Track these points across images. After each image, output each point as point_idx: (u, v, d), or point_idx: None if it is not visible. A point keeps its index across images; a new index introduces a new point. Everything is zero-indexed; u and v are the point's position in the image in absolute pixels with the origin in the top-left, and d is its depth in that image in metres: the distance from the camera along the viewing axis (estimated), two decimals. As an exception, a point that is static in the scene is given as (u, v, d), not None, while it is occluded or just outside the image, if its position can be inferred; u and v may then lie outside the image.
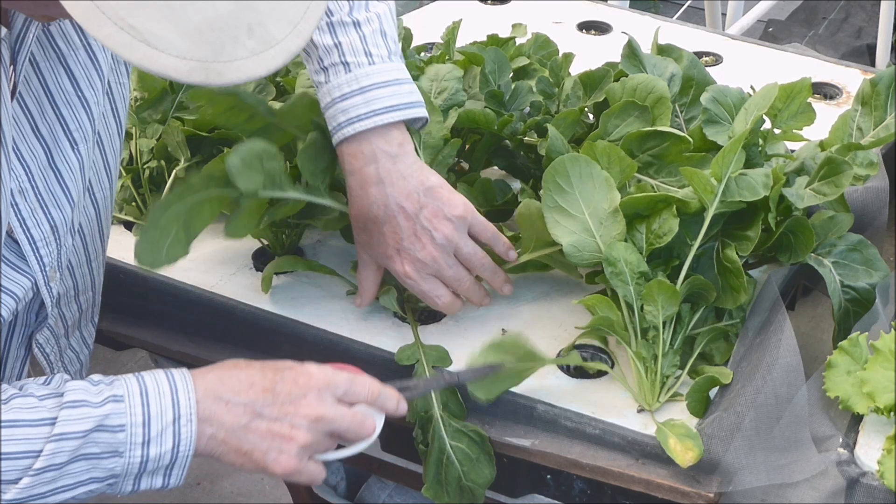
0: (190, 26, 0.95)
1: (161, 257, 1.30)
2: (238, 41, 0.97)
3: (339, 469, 1.82)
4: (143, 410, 1.12)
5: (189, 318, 1.50)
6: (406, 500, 1.79)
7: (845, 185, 1.34)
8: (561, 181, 1.35)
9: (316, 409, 1.18)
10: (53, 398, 1.11)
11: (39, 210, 1.21)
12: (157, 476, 1.14)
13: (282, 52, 1.00)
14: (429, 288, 1.39)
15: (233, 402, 1.16)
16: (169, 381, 1.15)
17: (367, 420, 1.21)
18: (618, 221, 1.33)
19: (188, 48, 0.95)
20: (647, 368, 1.31)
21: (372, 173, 1.36)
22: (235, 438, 1.16)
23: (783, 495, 1.20)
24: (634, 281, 1.30)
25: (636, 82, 1.49)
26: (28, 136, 1.20)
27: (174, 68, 0.95)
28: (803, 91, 1.45)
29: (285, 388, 1.18)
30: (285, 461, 1.17)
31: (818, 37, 3.86)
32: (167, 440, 1.13)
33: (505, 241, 1.43)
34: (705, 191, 1.31)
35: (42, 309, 1.28)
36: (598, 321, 1.31)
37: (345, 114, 1.36)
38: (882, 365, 1.21)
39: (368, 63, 1.37)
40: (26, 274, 1.21)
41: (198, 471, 2.87)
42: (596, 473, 1.28)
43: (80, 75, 1.25)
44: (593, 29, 2.18)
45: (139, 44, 0.94)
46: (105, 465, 1.11)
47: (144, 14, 0.94)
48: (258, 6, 0.99)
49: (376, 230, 1.37)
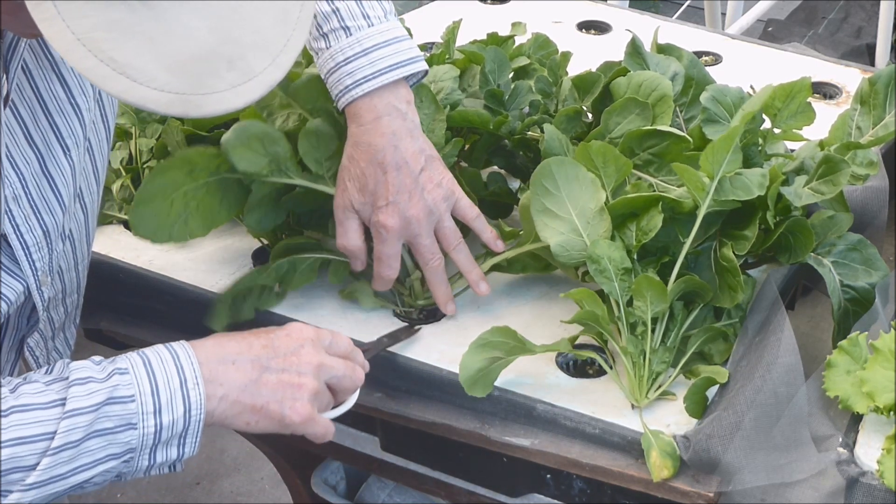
0: (171, 60, 0.97)
1: (165, 233, 1.36)
2: (218, 74, 0.99)
3: (338, 469, 1.82)
4: (150, 380, 1.13)
5: (189, 318, 1.50)
6: (406, 500, 1.79)
7: (843, 184, 1.34)
8: (548, 184, 1.37)
9: (315, 357, 1.22)
10: (59, 382, 1.11)
11: (32, 216, 1.22)
12: (172, 447, 1.14)
13: (261, 85, 1.02)
14: (392, 253, 1.41)
15: (239, 361, 1.18)
16: (169, 350, 1.16)
17: (356, 368, 1.26)
18: (604, 220, 1.35)
19: (168, 81, 0.97)
20: (636, 364, 1.31)
21: (385, 124, 1.39)
22: (248, 395, 1.17)
23: (783, 495, 1.20)
24: (619, 277, 1.32)
25: (642, 79, 1.49)
26: (21, 143, 1.20)
27: (153, 100, 0.97)
28: (803, 91, 1.45)
29: (282, 343, 1.21)
30: (301, 408, 1.19)
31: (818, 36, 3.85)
32: (178, 406, 1.13)
33: (492, 230, 1.46)
34: (697, 188, 1.32)
35: (33, 313, 1.29)
36: (584, 315, 1.32)
37: (351, 76, 1.39)
38: (882, 364, 1.21)
39: (368, 25, 1.41)
40: (19, 278, 1.22)
41: (198, 471, 2.87)
42: (596, 473, 1.28)
43: (73, 83, 1.26)
44: (593, 28, 2.18)
45: (119, 76, 0.96)
46: (121, 439, 1.11)
47: (126, 47, 0.95)
48: (240, 39, 1.00)
49: (374, 178, 1.39)
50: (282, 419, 1.19)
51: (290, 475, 1.83)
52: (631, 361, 1.32)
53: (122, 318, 1.56)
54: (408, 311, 1.47)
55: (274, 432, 1.21)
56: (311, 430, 1.21)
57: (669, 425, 1.29)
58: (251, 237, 1.59)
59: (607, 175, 1.38)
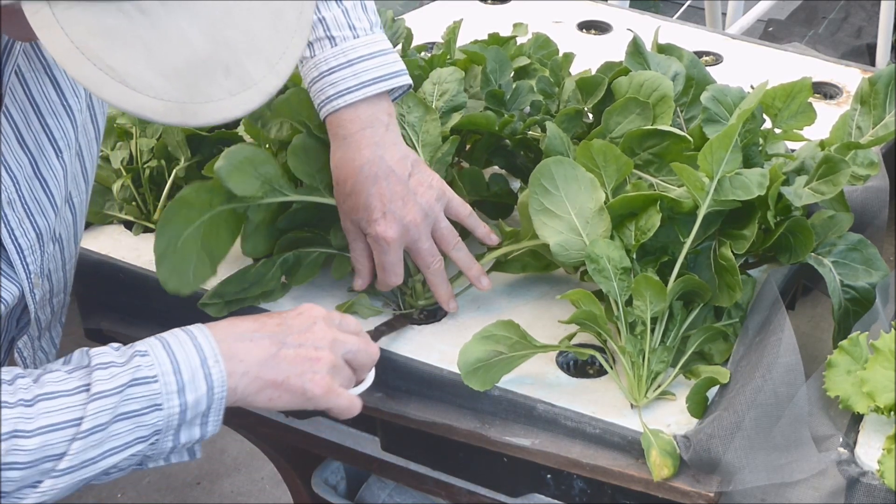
0: (168, 67, 0.96)
1: (188, 281, 1.37)
2: (215, 81, 0.98)
3: (339, 469, 1.82)
4: (170, 359, 1.13)
5: (189, 317, 1.49)
6: (406, 500, 1.79)
7: (843, 184, 1.34)
8: (547, 183, 1.38)
9: (329, 332, 1.22)
10: (81, 369, 1.12)
11: (26, 219, 1.22)
12: (195, 426, 1.14)
13: (259, 93, 1.01)
14: (395, 260, 1.41)
15: (256, 338, 1.18)
16: (185, 331, 1.17)
17: (370, 342, 1.27)
18: (603, 220, 1.35)
19: (165, 89, 0.96)
20: (634, 363, 1.31)
21: (368, 136, 1.39)
22: (268, 370, 1.17)
23: (783, 495, 1.20)
24: (617, 277, 1.32)
25: (643, 79, 1.49)
26: (13, 146, 1.20)
27: (150, 108, 0.96)
28: (804, 91, 1.45)
29: (295, 322, 1.22)
30: (321, 380, 1.19)
31: (818, 36, 3.85)
32: (200, 384, 1.13)
33: (484, 226, 1.47)
34: (696, 188, 1.32)
35: (24, 315, 1.29)
36: (581, 315, 1.32)
37: (334, 86, 1.39)
38: (882, 364, 1.21)
39: (353, 37, 1.41)
40: (14, 281, 1.22)
41: (198, 470, 2.87)
42: (596, 473, 1.28)
43: (65, 84, 1.25)
44: (593, 28, 2.18)
45: (116, 83, 0.95)
46: (147, 420, 1.11)
47: (123, 55, 0.95)
48: (237, 46, 0.99)
49: (365, 192, 1.39)
50: (303, 392, 1.19)
51: (290, 475, 1.83)
52: (630, 361, 1.32)
53: (123, 318, 1.56)
54: (408, 313, 1.47)
55: (297, 408, 1.21)
56: (335, 402, 1.21)
57: (670, 425, 1.29)
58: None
59: (608, 174, 1.39)
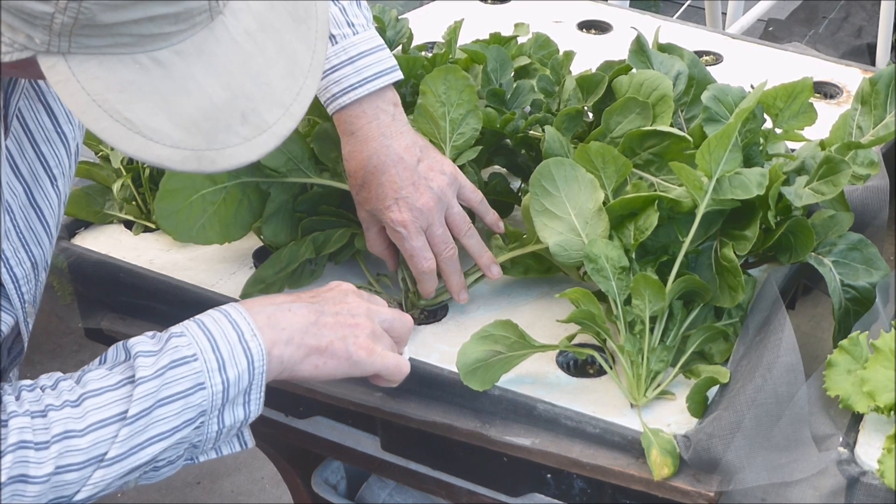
0: (185, 118, 0.97)
1: (188, 233, 1.41)
2: (231, 129, 0.99)
3: (339, 468, 1.82)
4: (207, 336, 1.13)
5: (189, 317, 1.49)
6: (406, 500, 1.79)
7: (843, 184, 1.34)
8: (547, 184, 1.38)
9: (362, 303, 1.24)
10: (121, 364, 1.12)
11: (21, 249, 1.21)
12: (238, 405, 1.14)
13: (273, 136, 1.02)
14: (420, 245, 1.42)
15: (294, 308, 1.19)
16: (219, 310, 1.17)
17: (403, 313, 1.29)
18: (602, 220, 1.35)
19: (182, 138, 0.97)
20: (634, 363, 1.31)
21: (374, 128, 1.42)
22: (311, 336, 1.18)
23: (783, 494, 1.20)
24: (616, 276, 1.32)
25: (643, 78, 1.50)
26: (8, 174, 1.19)
27: (168, 158, 0.97)
28: (805, 91, 1.45)
29: (328, 294, 1.24)
30: (364, 342, 1.20)
31: (818, 36, 3.86)
32: (241, 359, 1.13)
33: (494, 213, 1.49)
34: (695, 187, 1.32)
35: (15, 344, 1.27)
36: (580, 314, 1.32)
37: (338, 84, 1.41)
38: (882, 364, 1.21)
39: (353, 34, 1.43)
40: (10, 312, 1.20)
41: (198, 470, 2.87)
42: (596, 473, 1.28)
43: (59, 111, 1.25)
44: (594, 28, 2.18)
45: (134, 135, 0.96)
46: (193, 401, 1.11)
47: (140, 107, 0.96)
48: (252, 93, 1.00)
49: (375, 181, 1.41)
50: (349, 356, 1.19)
51: (290, 475, 1.83)
52: (629, 360, 1.32)
53: (123, 317, 1.56)
54: (409, 313, 1.47)
55: (343, 375, 1.21)
56: (381, 363, 1.22)
57: (670, 425, 1.29)
58: (251, 237, 1.59)
59: (607, 175, 1.39)
